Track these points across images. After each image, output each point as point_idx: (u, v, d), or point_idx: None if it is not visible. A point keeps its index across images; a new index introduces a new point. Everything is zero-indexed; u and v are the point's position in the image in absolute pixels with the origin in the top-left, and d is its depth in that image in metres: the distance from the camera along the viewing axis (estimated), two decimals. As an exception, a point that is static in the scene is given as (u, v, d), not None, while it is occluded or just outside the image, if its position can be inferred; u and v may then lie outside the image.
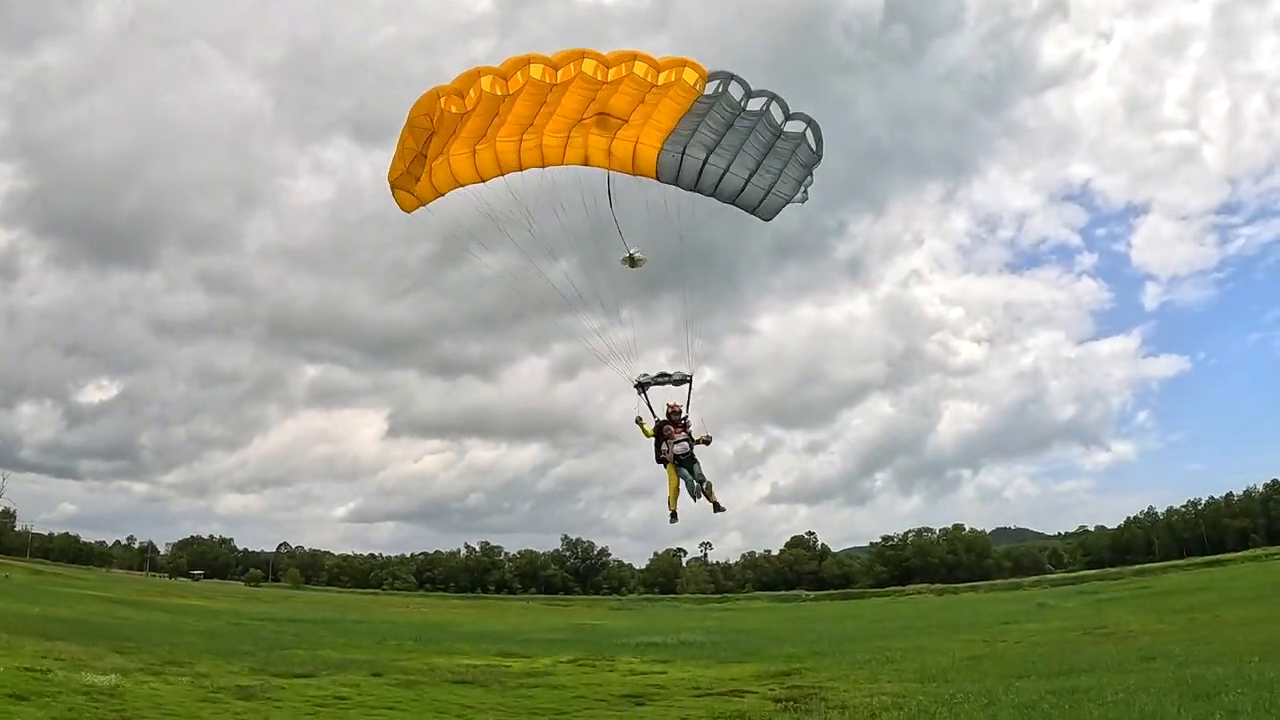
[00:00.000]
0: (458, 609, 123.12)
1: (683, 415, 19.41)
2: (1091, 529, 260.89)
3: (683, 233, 19.49)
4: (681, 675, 25.21)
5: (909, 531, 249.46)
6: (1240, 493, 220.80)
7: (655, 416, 19.49)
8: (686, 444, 19.19)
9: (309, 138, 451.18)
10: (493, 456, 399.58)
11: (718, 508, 19.60)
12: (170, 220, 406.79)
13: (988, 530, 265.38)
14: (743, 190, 19.04)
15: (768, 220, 19.67)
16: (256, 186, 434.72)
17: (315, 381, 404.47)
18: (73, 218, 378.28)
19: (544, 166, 18.61)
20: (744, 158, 18.46)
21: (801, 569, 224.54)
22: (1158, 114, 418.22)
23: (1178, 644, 26.46)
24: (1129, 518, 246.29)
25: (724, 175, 18.77)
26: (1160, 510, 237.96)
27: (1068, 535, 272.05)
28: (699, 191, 19.17)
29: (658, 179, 19.14)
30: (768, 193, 19.07)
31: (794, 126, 18.06)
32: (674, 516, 19.97)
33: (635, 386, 19.63)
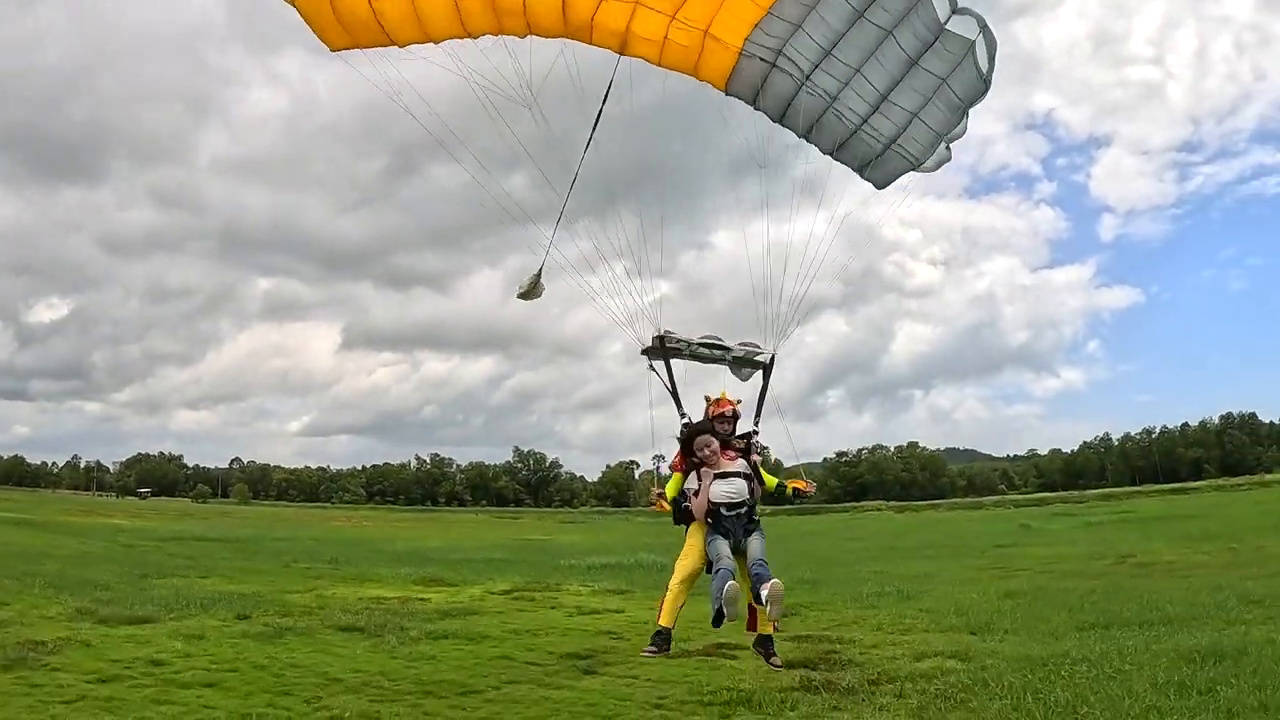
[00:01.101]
0: (403, 523, 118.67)
1: (745, 435, 11.60)
2: (1041, 453, 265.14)
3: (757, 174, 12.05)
4: (644, 615, 19.36)
5: (862, 449, 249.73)
6: (1195, 424, 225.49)
7: (685, 416, 11.56)
8: (744, 482, 11.08)
9: (262, 47, 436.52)
10: (446, 369, 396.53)
11: (769, 653, 11.89)
12: (119, 133, 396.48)
13: (938, 450, 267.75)
14: (853, 135, 11.45)
15: (881, 187, 12.11)
16: (208, 97, 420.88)
17: (268, 295, 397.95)
18: (19, 132, 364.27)
19: (563, 35, 11.23)
20: (864, 81, 11.00)
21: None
22: (1124, 49, 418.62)
23: (1254, 581, 21.18)
24: (1084, 442, 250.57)
25: (828, 109, 11.27)
26: (1116, 437, 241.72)
27: (1017, 458, 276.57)
28: (784, 125, 11.58)
29: (727, 93, 11.54)
30: (889, 144, 11.45)
31: (961, 27, 10.61)
32: (661, 642, 12.32)
33: (649, 349, 11.76)
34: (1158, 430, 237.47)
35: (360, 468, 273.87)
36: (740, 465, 11.24)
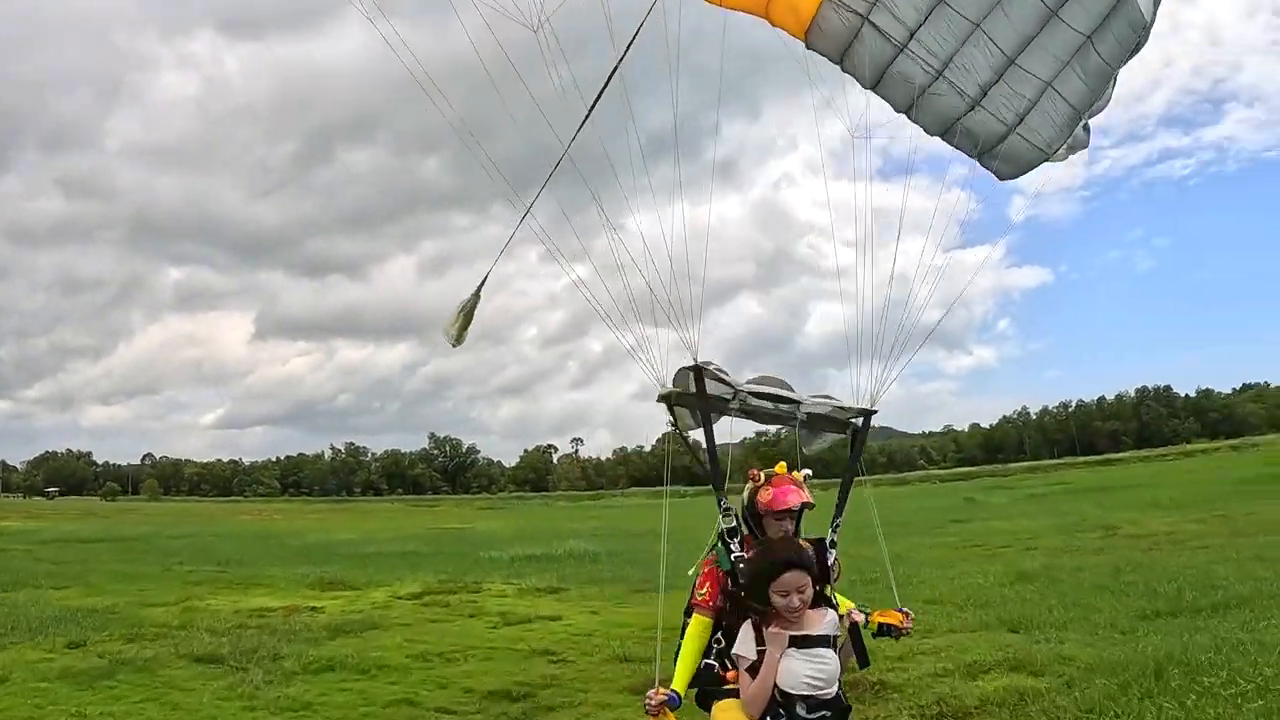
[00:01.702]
0: (316, 514, 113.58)
1: (815, 543, 6.40)
2: (958, 429, 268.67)
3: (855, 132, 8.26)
4: (587, 623, 15.72)
5: (780, 428, 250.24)
6: (1112, 397, 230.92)
7: (729, 510, 6.29)
8: (835, 657, 5.64)
9: (173, 30, 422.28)
10: (361, 357, 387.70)
11: None
12: (26, 120, 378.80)
13: None
14: (968, 113, 8.10)
15: (1005, 179, 8.45)
16: (118, 82, 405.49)
17: (180, 284, 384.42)
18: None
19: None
20: (986, 41, 7.71)
21: (674, 464, 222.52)
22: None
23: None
24: (1003, 417, 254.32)
25: (936, 79, 7.88)
26: (1033, 411, 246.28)
27: (932, 434, 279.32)
28: (879, 95, 8.26)
29: (809, 46, 7.39)
30: (1014, 126, 8.07)
31: None
32: None
33: (674, 395, 6.65)
34: (1074, 404, 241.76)
35: (274, 459, 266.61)
36: (829, 623, 5.82)
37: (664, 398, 6.46)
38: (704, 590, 6.09)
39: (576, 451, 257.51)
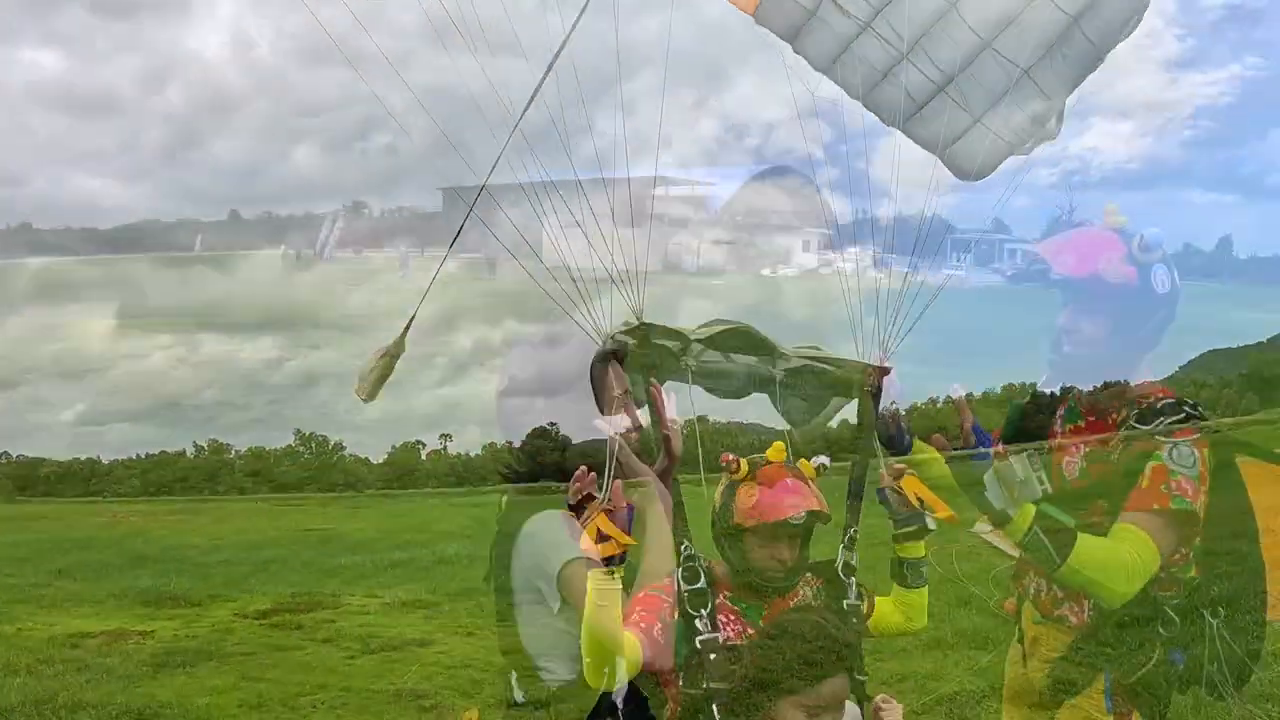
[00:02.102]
0: (174, 515, 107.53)
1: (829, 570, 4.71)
2: (830, 425, 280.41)
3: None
4: (463, 650, 13.46)
5: (644, 425, 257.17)
6: (979, 394, 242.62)
7: (693, 557, 3.99)
8: None
9: (39, 6, 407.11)
10: (225, 351, 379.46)
11: None
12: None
13: (723, 424, 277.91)
14: (930, 102, 6.49)
15: (967, 179, 6.59)
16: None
17: (39, 274, 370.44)
18: None
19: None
20: (958, 21, 6.00)
21: (545, 460, 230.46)
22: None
23: (1239, 540, 16.96)
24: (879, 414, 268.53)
25: (899, 62, 6.21)
26: (903, 409, 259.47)
27: (805, 431, 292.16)
28: (835, 81, 6.56)
29: (759, 21, 6.39)
30: (980, 117, 6.37)
31: None
32: None
33: (625, 344, 4.65)
34: (942, 400, 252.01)
35: (135, 457, 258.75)
36: None
37: (611, 352, 4.50)
38: (636, 615, 3.89)
39: (445, 447, 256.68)
